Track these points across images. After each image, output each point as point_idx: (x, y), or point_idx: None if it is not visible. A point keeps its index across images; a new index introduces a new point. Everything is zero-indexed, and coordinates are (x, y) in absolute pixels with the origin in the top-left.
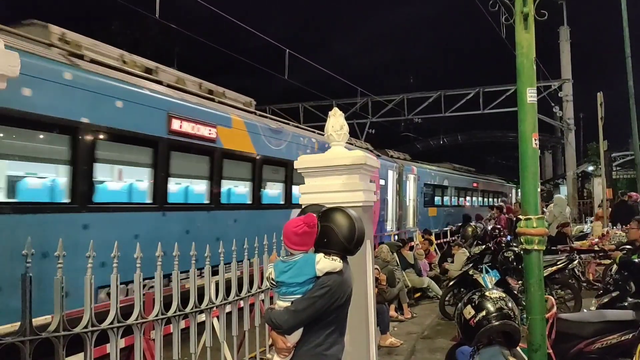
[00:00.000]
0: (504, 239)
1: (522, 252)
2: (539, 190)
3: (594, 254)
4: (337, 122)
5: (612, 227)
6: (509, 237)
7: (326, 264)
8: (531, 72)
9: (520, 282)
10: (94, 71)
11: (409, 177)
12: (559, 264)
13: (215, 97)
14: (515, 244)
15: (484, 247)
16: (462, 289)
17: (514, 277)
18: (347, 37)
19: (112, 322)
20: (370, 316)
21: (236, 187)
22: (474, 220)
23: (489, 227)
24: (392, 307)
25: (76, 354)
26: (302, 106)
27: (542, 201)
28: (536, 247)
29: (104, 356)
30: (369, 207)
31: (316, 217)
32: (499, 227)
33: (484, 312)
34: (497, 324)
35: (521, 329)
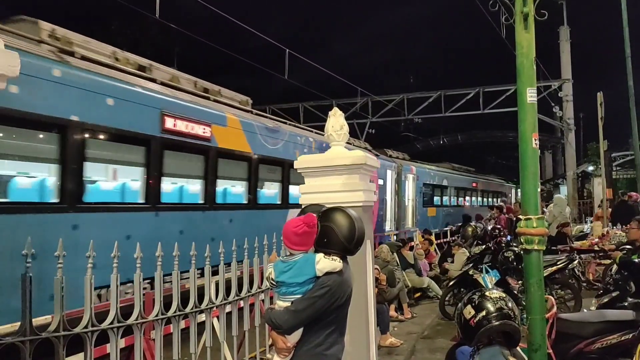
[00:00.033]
0: (504, 239)
1: (522, 252)
2: (539, 190)
3: (594, 254)
4: (337, 122)
5: (612, 227)
6: (509, 237)
7: (326, 264)
8: (531, 72)
9: (520, 282)
10: (84, 68)
11: (407, 176)
12: (559, 264)
13: (210, 96)
14: (515, 244)
15: (484, 247)
16: (462, 289)
17: (514, 277)
18: (347, 37)
19: (112, 322)
20: (370, 316)
21: (231, 186)
22: (474, 220)
23: (489, 227)
24: (392, 307)
25: (76, 354)
26: (302, 106)
27: (542, 201)
28: (536, 247)
29: (104, 356)
30: (369, 207)
31: (316, 217)
32: (499, 227)
33: (484, 312)
34: (497, 324)
35: (521, 329)
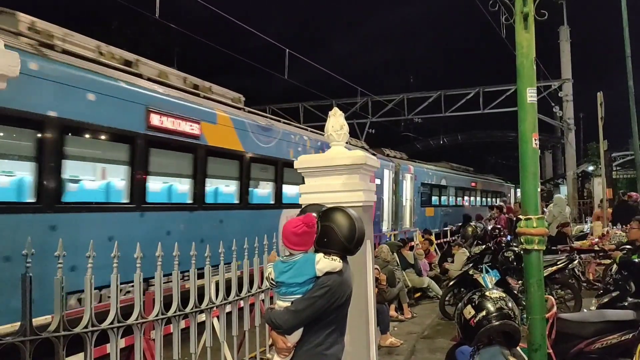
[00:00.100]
0: (504, 238)
1: (522, 252)
2: (539, 190)
3: (594, 254)
4: (337, 122)
5: (613, 227)
6: (509, 237)
7: (326, 264)
8: (531, 72)
9: (520, 282)
10: (63, 61)
11: (405, 176)
12: (559, 264)
13: (200, 92)
14: (515, 244)
15: (484, 247)
16: (462, 289)
17: (514, 277)
18: (347, 37)
19: (112, 322)
20: (370, 316)
21: (222, 186)
22: (474, 220)
23: (489, 227)
24: (392, 307)
25: (76, 354)
26: (302, 106)
27: (542, 201)
28: (536, 247)
29: (104, 356)
30: (369, 207)
31: (315, 217)
32: (499, 227)
33: (484, 312)
34: (497, 324)
35: (521, 328)
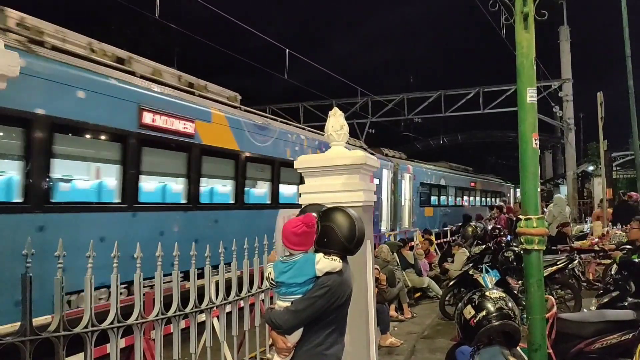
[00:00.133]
0: (504, 238)
1: (522, 252)
2: (539, 190)
3: (594, 254)
4: (337, 122)
5: (613, 227)
6: (509, 237)
7: (326, 264)
8: (531, 72)
9: (520, 282)
10: (52, 58)
11: (404, 176)
12: (559, 264)
13: (195, 91)
14: (515, 244)
15: (484, 247)
16: (462, 289)
17: (514, 277)
18: (347, 37)
19: (112, 322)
20: (370, 316)
21: (217, 185)
22: (474, 219)
23: (489, 227)
24: (392, 307)
25: (76, 354)
26: (302, 106)
27: (542, 201)
28: (536, 247)
29: (104, 356)
30: (369, 207)
31: (315, 216)
32: (499, 227)
33: (484, 312)
34: (497, 324)
35: (521, 328)
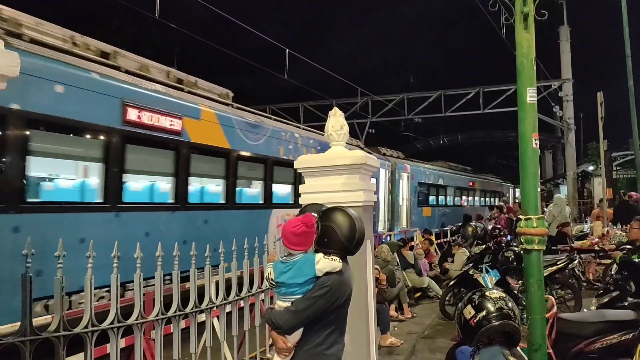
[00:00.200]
0: (504, 238)
1: (522, 252)
2: (539, 190)
3: (594, 254)
4: (337, 122)
5: (613, 227)
6: (509, 237)
7: (326, 264)
8: (531, 72)
9: (520, 282)
10: (28, 51)
11: (402, 175)
12: (559, 263)
13: (184, 87)
14: (515, 244)
15: (484, 246)
16: (462, 289)
17: (514, 277)
18: (347, 37)
19: (112, 322)
20: (370, 316)
21: (207, 185)
22: (474, 219)
23: (489, 227)
24: (393, 306)
25: (76, 354)
26: (302, 106)
27: (542, 201)
28: (536, 247)
29: (104, 356)
30: (369, 207)
31: (315, 216)
32: (499, 226)
33: (484, 312)
34: (497, 324)
35: (521, 328)
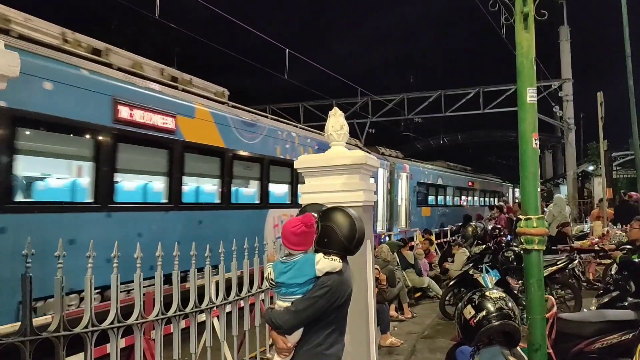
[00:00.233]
0: (504, 238)
1: (522, 252)
2: (539, 190)
3: (594, 254)
4: (337, 121)
5: (614, 227)
6: (509, 237)
7: (326, 264)
8: (531, 72)
9: (520, 281)
10: (14, 46)
11: (400, 175)
12: (559, 263)
13: (179, 85)
14: (515, 244)
15: (484, 246)
16: (462, 289)
17: (514, 277)
18: (347, 37)
19: (112, 322)
20: (370, 316)
21: (201, 184)
22: (475, 219)
23: (489, 227)
24: (393, 306)
25: (76, 354)
26: (302, 106)
27: (542, 201)
28: (536, 247)
29: (104, 356)
30: (369, 207)
31: (315, 216)
32: (499, 226)
33: (484, 312)
34: (497, 323)
35: (521, 328)
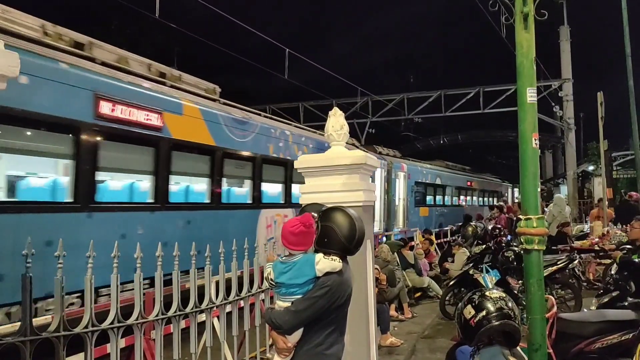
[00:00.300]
0: (504, 238)
1: (522, 252)
2: (539, 190)
3: (594, 254)
4: (337, 121)
5: (614, 227)
6: (509, 237)
7: (326, 264)
8: (531, 72)
9: (520, 281)
10: None
11: (398, 174)
12: (559, 263)
13: (167, 81)
14: (515, 244)
15: (484, 246)
16: (463, 289)
17: (514, 276)
18: (347, 36)
19: (112, 322)
20: (370, 316)
21: (190, 184)
22: (475, 219)
23: (489, 227)
24: (393, 306)
25: (76, 354)
26: (302, 106)
27: (542, 201)
28: (536, 247)
29: (104, 356)
30: (369, 207)
31: (315, 216)
32: (499, 226)
33: (484, 312)
34: (497, 323)
35: (521, 328)
